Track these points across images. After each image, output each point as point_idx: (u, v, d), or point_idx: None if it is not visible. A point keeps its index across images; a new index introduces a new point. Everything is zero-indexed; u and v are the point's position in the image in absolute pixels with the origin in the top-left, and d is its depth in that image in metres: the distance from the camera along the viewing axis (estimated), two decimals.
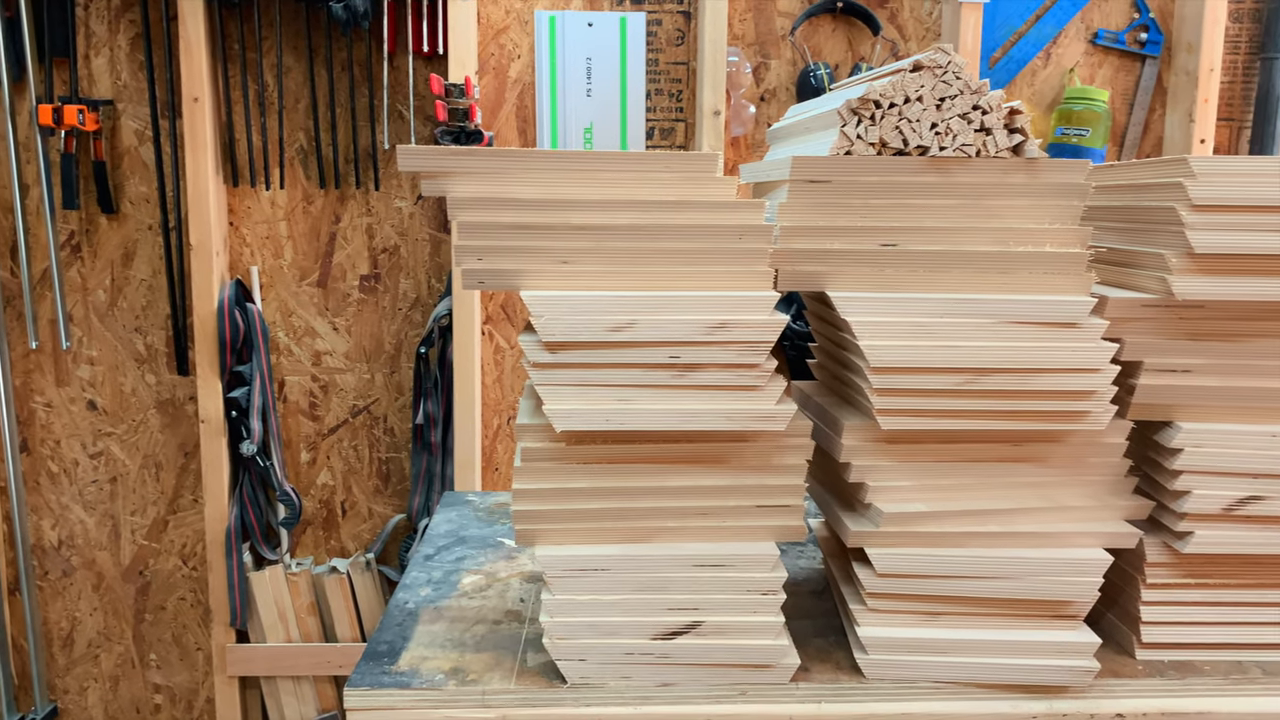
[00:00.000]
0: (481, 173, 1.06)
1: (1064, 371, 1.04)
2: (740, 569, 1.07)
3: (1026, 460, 1.09)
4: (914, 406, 1.04)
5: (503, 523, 1.62)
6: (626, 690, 1.08)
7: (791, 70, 2.48)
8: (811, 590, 1.31)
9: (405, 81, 2.45)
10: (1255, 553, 1.10)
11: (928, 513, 1.07)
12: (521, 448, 1.07)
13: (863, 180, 1.07)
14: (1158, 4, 2.46)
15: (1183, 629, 1.13)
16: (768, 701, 1.08)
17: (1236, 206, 1.04)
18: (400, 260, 2.55)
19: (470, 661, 1.13)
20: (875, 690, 1.09)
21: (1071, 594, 1.07)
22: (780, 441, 1.07)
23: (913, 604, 1.10)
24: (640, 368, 1.03)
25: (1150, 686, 1.10)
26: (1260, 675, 1.11)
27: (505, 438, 2.60)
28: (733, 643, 1.07)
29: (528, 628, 1.22)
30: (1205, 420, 1.10)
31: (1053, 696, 1.09)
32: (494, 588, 1.34)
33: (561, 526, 1.08)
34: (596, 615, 1.06)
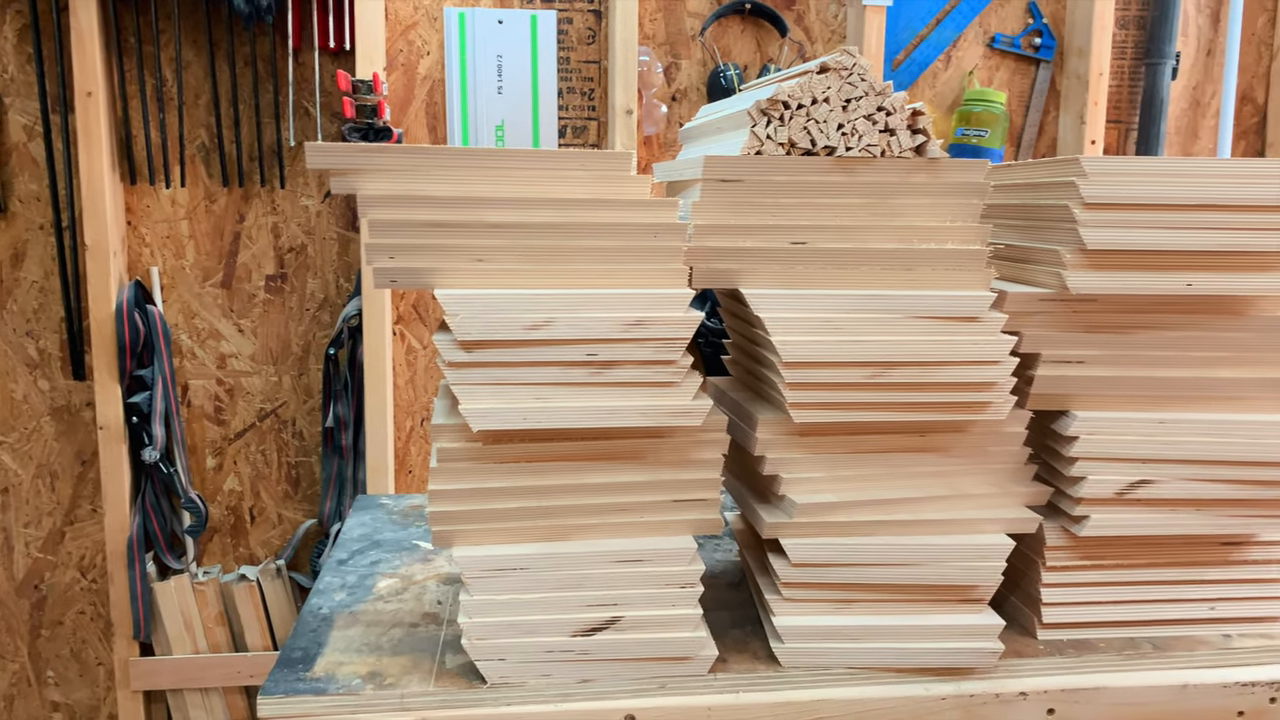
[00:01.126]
0: (393, 170, 1.05)
1: (966, 364, 1.07)
2: (658, 563, 1.08)
3: (932, 450, 1.13)
4: (824, 400, 1.07)
5: (418, 525, 1.61)
6: (547, 688, 1.08)
7: (702, 70, 2.51)
8: (729, 582, 1.33)
9: (311, 77, 2.40)
10: (1146, 534, 1.15)
11: (839, 503, 1.10)
12: (437, 448, 1.06)
13: (773, 180, 1.09)
14: (1050, 10, 2.55)
15: (1080, 609, 1.18)
16: (687, 693, 1.10)
17: (1126, 204, 1.10)
18: (308, 260, 2.50)
19: (388, 665, 1.12)
20: (791, 678, 1.11)
21: (976, 578, 1.11)
22: (696, 437, 1.08)
23: (826, 592, 1.12)
24: (557, 366, 1.04)
25: (1051, 665, 1.15)
26: (1151, 650, 1.17)
27: (419, 439, 2.57)
28: (652, 636, 1.08)
29: (446, 629, 1.21)
30: (1098, 409, 1.15)
31: (961, 678, 1.13)
32: (410, 590, 1.33)
33: (479, 527, 1.07)
34: (516, 614, 1.06)
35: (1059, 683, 1.13)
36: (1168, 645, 1.18)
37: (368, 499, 1.75)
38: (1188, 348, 1.15)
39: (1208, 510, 1.15)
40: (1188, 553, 1.18)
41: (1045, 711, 1.13)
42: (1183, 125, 2.60)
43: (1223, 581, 1.19)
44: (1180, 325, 1.15)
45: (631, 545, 1.08)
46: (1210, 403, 1.16)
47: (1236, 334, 1.15)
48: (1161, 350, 1.15)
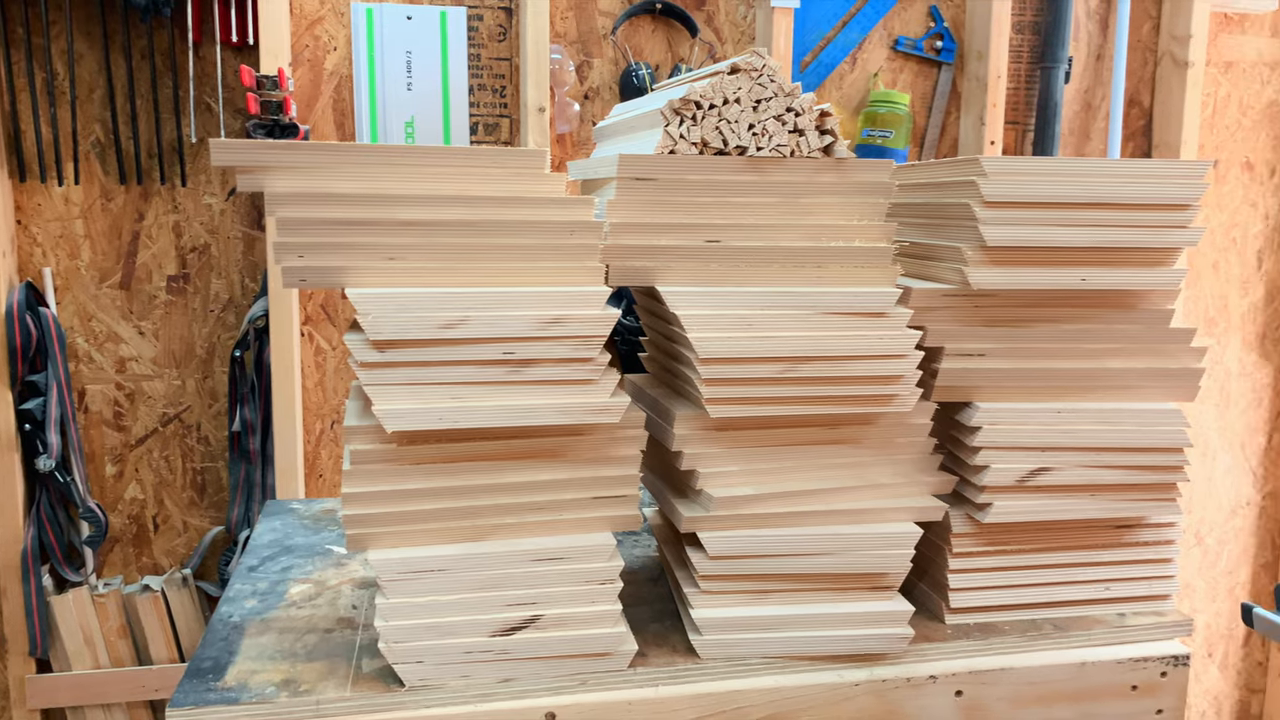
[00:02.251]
0: (302, 167, 1.04)
1: (873, 358, 1.10)
2: (578, 561, 1.08)
3: (842, 442, 1.15)
4: (740, 395, 1.09)
5: (330, 529, 1.58)
6: (467, 689, 1.07)
7: (614, 69, 2.51)
8: (648, 578, 1.35)
9: (213, 72, 2.34)
10: (1045, 519, 1.20)
11: (754, 495, 1.12)
12: (351, 450, 1.05)
13: (687, 178, 1.10)
14: (951, 14, 2.63)
15: (985, 593, 1.22)
16: (607, 689, 1.10)
17: (1023, 203, 1.14)
18: (211, 259, 2.43)
19: (303, 672, 1.10)
20: (710, 669, 1.13)
21: (886, 566, 1.15)
22: (615, 434, 1.09)
23: (743, 584, 1.14)
24: (473, 365, 1.03)
25: (958, 648, 1.19)
26: (1052, 630, 1.22)
27: (329, 442, 2.52)
28: (572, 634, 1.09)
29: (362, 634, 1.19)
30: (1000, 400, 1.19)
31: (873, 664, 1.16)
32: (324, 596, 1.31)
33: (395, 529, 1.06)
34: (434, 616, 1.06)
35: (966, 665, 1.17)
36: (1067, 625, 1.23)
37: (278, 504, 1.72)
38: (1082, 340, 1.20)
39: (1102, 495, 1.20)
40: (1084, 536, 1.23)
41: (954, 693, 1.16)
42: (1075, 127, 2.70)
43: (1116, 563, 1.24)
44: (1075, 318, 1.20)
45: (550, 543, 1.08)
46: (1103, 392, 1.21)
47: (1127, 326, 1.21)
48: (1058, 343, 1.20)
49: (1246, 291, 2.78)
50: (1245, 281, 2.78)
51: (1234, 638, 2.83)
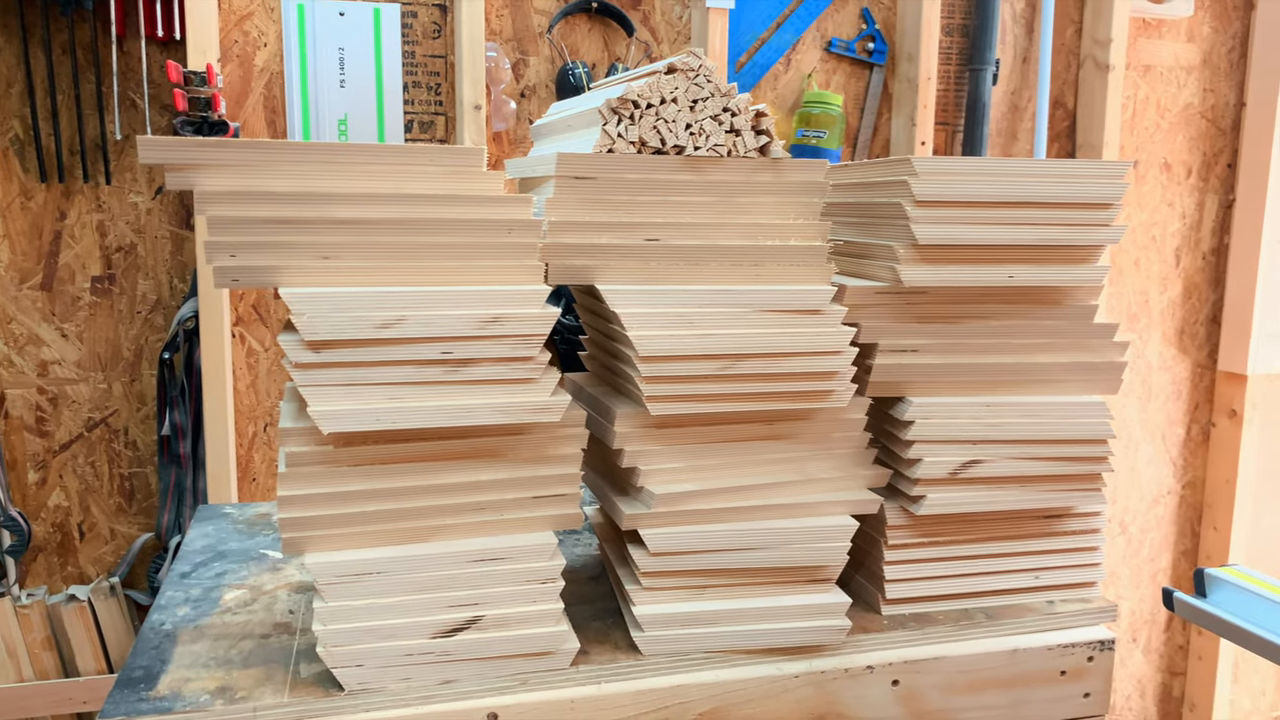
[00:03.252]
0: (234, 165, 1.02)
1: (810, 354, 1.12)
2: (519, 560, 1.08)
3: (780, 437, 1.17)
4: (680, 392, 1.10)
5: (265, 534, 1.55)
6: (407, 691, 1.07)
7: (550, 68, 2.51)
8: (589, 576, 1.35)
9: (138, 68, 2.28)
10: (977, 510, 1.23)
11: (695, 491, 1.13)
12: (286, 453, 1.03)
13: (625, 177, 1.11)
14: (882, 16, 2.67)
15: (920, 584, 1.25)
16: (549, 688, 1.10)
17: (954, 202, 1.17)
18: (138, 259, 2.38)
19: (239, 678, 1.08)
20: (652, 665, 1.14)
21: (824, 559, 1.16)
22: (555, 432, 1.09)
23: (684, 580, 1.15)
24: (411, 364, 1.03)
25: (894, 639, 1.21)
26: (984, 619, 1.25)
27: (262, 445, 2.48)
28: (514, 634, 1.08)
29: (299, 639, 1.18)
30: (932, 394, 1.22)
31: (812, 656, 1.18)
32: (260, 601, 1.29)
33: (332, 532, 1.05)
34: (373, 619, 1.05)
35: (902, 655, 1.20)
36: (999, 614, 1.26)
37: (210, 509, 1.69)
38: (1010, 335, 1.23)
39: (1030, 486, 1.23)
40: (1014, 527, 1.26)
41: (890, 683, 1.19)
42: (1003, 128, 2.77)
43: (1045, 552, 1.28)
44: (1003, 314, 1.23)
45: (491, 544, 1.08)
46: (1031, 386, 1.24)
47: (1053, 322, 1.24)
48: (987, 338, 1.23)
49: (1165, 288, 2.87)
50: (1164, 278, 2.87)
51: (1156, 623, 2.92)
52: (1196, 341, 2.89)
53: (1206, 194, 2.87)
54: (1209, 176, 2.87)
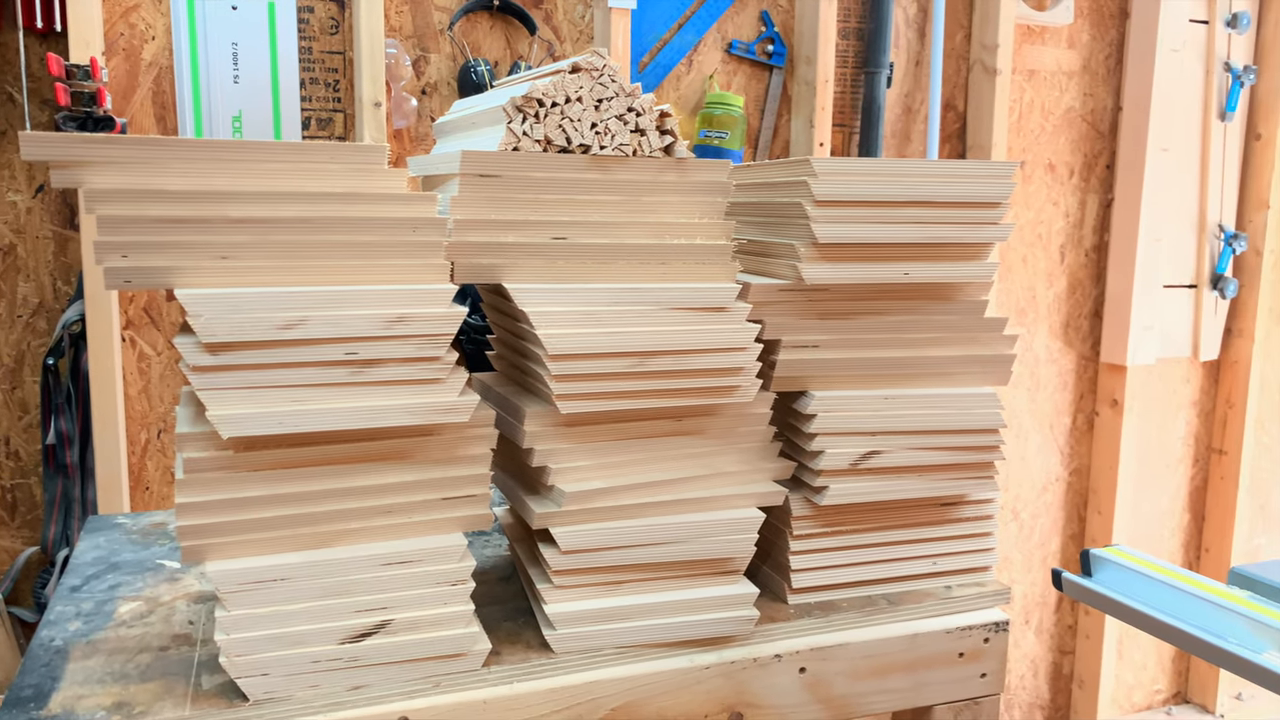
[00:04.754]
0: (124, 162, 0.99)
1: (716, 351, 1.14)
2: (428, 563, 1.07)
3: (688, 433, 1.19)
4: (589, 390, 1.10)
5: (161, 543, 1.51)
6: (315, 699, 1.05)
7: (452, 65, 2.49)
8: (499, 576, 1.34)
9: (15, 60, 2.18)
10: (877, 500, 1.26)
11: (605, 489, 1.14)
12: (183, 459, 1.00)
13: (531, 176, 1.11)
14: (781, 19, 2.72)
15: (824, 573, 1.28)
16: (461, 689, 1.10)
17: (851, 202, 1.20)
18: (18, 261, 2.27)
19: (136, 694, 1.05)
20: (564, 663, 1.14)
21: (732, 551, 1.19)
22: (464, 433, 1.08)
23: (595, 576, 1.16)
24: (314, 366, 1.01)
25: (801, 627, 1.24)
26: (886, 605, 1.29)
27: (156, 453, 2.39)
28: (424, 636, 1.08)
29: (200, 650, 1.14)
30: (833, 388, 1.25)
31: (722, 647, 1.20)
32: (157, 613, 1.25)
33: (234, 539, 1.02)
34: (278, 627, 1.02)
35: (808, 643, 1.23)
36: (900, 600, 1.30)
37: (101, 519, 1.62)
38: (906, 330, 1.27)
39: (927, 475, 1.28)
40: (912, 515, 1.30)
41: (798, 670, 1.21)
42: (897, 129, 2.85)
43: (942, 539, 1.32)
44: (900, 310, 1.27)
45: (400, 547, 1.07)
46: (926, 379, 1.29)
47: (946, 317, 1.29)
48: (884, 333, 1.27)
49: (1051, 284, 2.99)
50: (1050, 274, 2.99)
51: (1047, 604, 3.05)
52: (1080, 335, 3.02)
53: (1088, 193, 3.01)
54: (1090, 177, 3.00)
